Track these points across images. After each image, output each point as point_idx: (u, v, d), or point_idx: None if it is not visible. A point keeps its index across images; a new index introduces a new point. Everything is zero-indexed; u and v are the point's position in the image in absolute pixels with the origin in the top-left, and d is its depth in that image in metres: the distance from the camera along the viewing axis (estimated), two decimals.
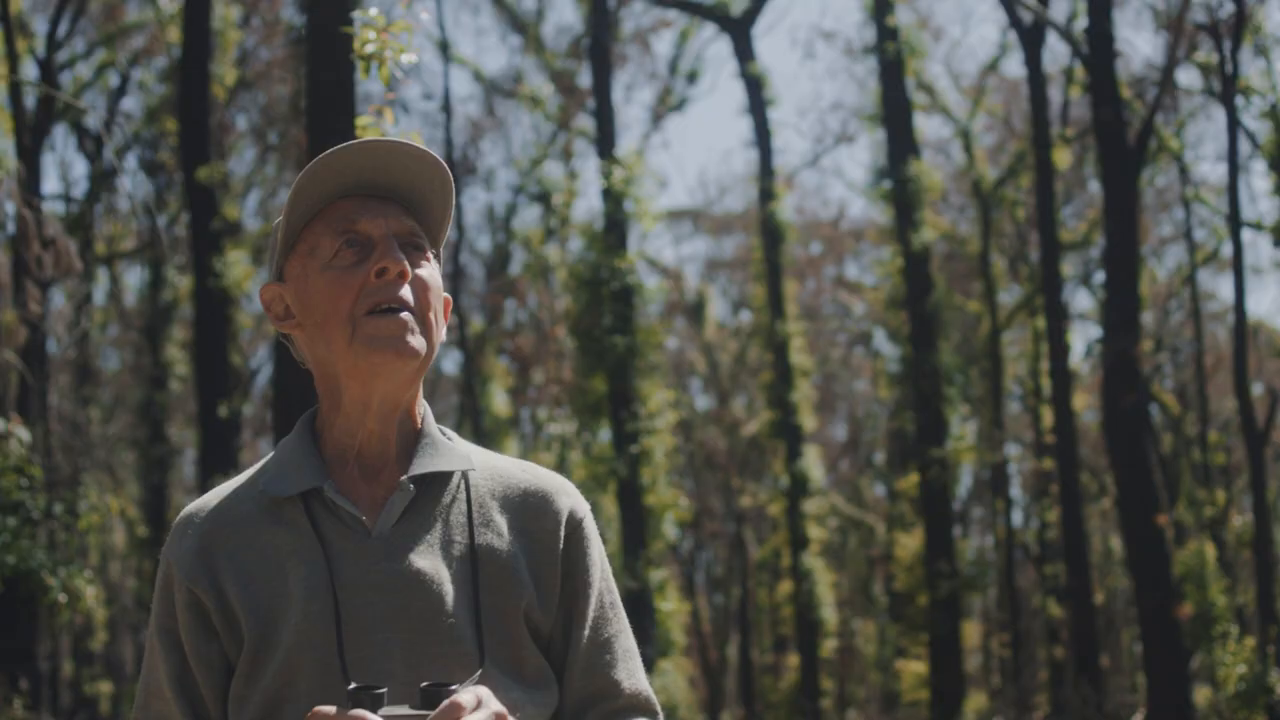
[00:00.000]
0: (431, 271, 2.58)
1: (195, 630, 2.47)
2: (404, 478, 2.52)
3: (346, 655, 2.39)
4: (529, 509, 2.61)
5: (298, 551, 2.47)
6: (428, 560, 2.48)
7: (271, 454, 2.65)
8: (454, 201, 2.63)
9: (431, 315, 2.55)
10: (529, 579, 2.54)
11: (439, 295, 2.58)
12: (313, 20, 6.80)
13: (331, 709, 2.17)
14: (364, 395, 2.52)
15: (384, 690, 2.19)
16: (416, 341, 2.50)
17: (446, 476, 2.59)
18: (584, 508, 2.67)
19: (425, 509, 2.54)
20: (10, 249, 12.19)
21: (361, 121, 6.41)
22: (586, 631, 2.60)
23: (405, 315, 2.50)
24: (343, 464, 2.56)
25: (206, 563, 2.49)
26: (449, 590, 2.47)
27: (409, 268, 2.52)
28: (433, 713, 2.17)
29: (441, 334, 2.60)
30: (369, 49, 6.11)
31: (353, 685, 2.21)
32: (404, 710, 2.18)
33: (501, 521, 2.58)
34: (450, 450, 2.60)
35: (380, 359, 2.47)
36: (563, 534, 2.61)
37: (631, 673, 2.64)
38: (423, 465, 2.55)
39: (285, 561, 2.47)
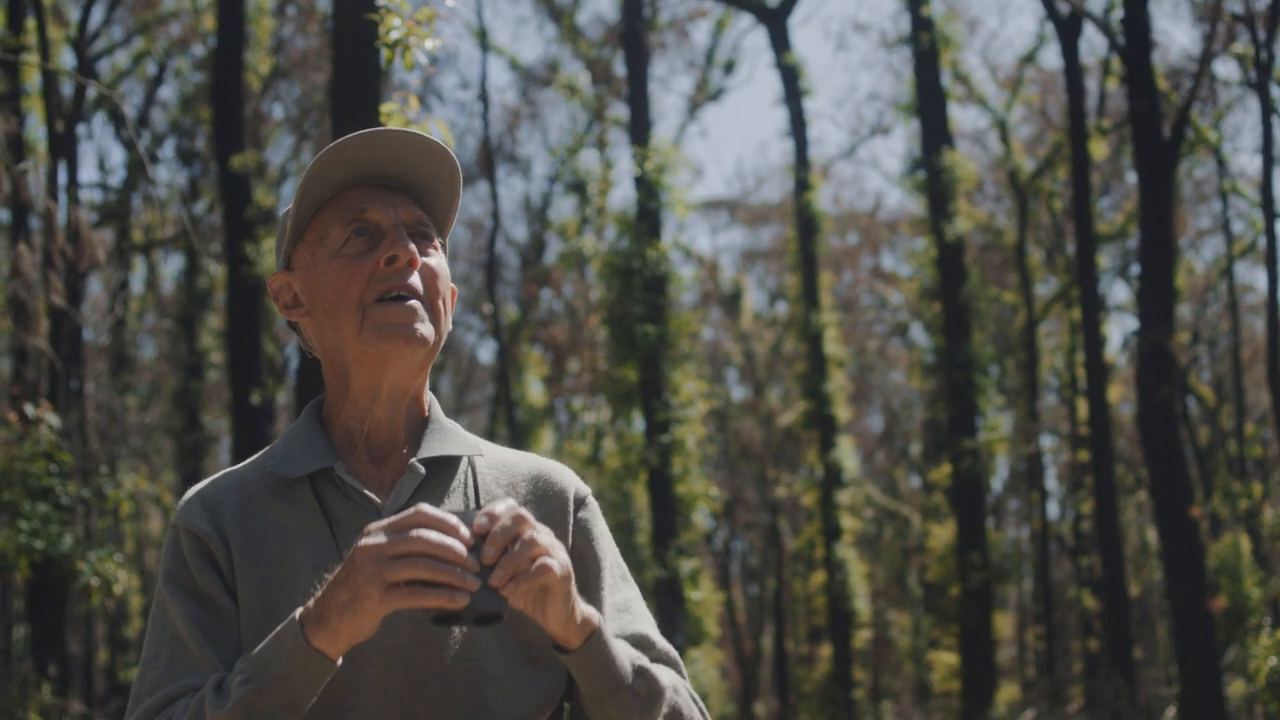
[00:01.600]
0: (440, 261, 2.62)
1: (207, 570, 2.47)
2: (414, 459, 2.55)
3: None
4: (535, 491, 2.65)
5: (306, 529, 2.50)
6: None
7: (277, 440, 2.67)
8: (461, 192, 2.66)
9: (440, 303, 2.58)
10: None
11: (447, 284, 2.62)
12: (338, 7, 6.81)
13: (384, 520, 2.19)
14: (373, 382, 2.55)
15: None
16: (425, 329, 2.53)
17: (454, 461, 2.62)
18: (586, 489, 2.72)
19: (434, 491, 2.57)
20: (41, 238, 12.27)
21: (386, 109, 6.40)
22: (605, 596, 2.64)
23: (414, 303, 2.53)
24: (351, 448, 2.59)
25: (215, 523, 2.51)
26: None
27: (418, 256, 2.55)
28: (481, 511, 2.21)
29: (448, 323, 2.63)
30: (393, 36, 6.10)
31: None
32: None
33: None
34: (458, 436, 2.64)
35: (389, 346, 2.50)
36: (570, 511, 2.66)
37: (656, 631, 2.68)
38: (431, 449, 2.58)
39: (293, 538, 2.49)
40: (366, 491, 2.52)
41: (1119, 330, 38.00)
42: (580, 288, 29.32)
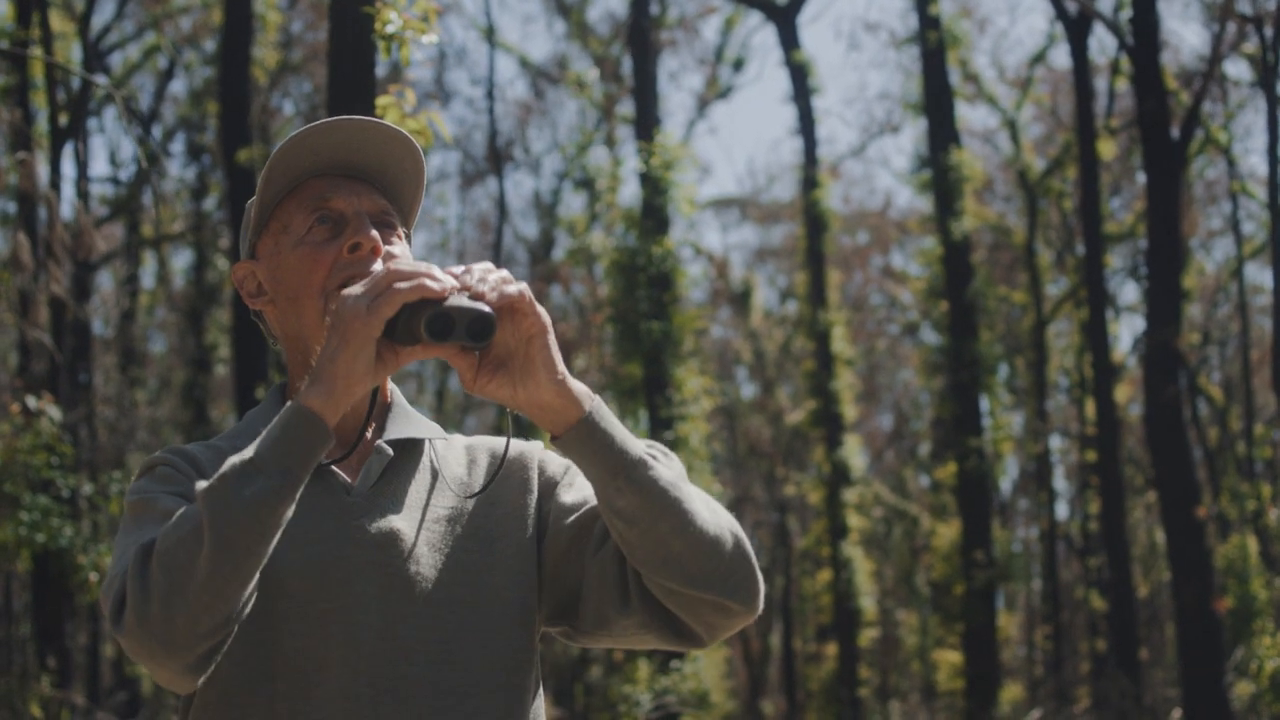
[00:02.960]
0: (403, 250, 2.62)
1: (190, 487, 2.44)
2: (381, 441, 2.56)
3: (323, 605, 2.42)
4: (495, 461, 2.67)
5: None
6: (404, 520, 2.51)
7: (239, 423, 2.68)
8: (425, 182, 2.67)
9: None
10: (505, 524, 2.59)
11: None
12: (335, 1, 6.81)
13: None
14: None
15: None
16: None
17: (419, 443, 2.64)
18: (541, 446, 2.73)
19: (401, 472, 2.58)
20: (45, 230, 12.30)
21: (382, 102, 6.39)
22: (567, 482, 2.64)
23: None
24: None
25: (192, 464, 2.52)
26: (423, 549, 2.50)
27: (382, 244, 2.55)
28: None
29: None
30: (390, 29, 6.10)
31: None
32: None
33: (472, 482, 2.63)
34: (421, 420, 2.66)
35: None
36: (533, 466, 2.65)
37: None
38: (397, 431, 2.60)
39: None
40: (335, 469, 2.53)
41: (1129, 330, 37.95)
42: (589, 284, 29.33)
